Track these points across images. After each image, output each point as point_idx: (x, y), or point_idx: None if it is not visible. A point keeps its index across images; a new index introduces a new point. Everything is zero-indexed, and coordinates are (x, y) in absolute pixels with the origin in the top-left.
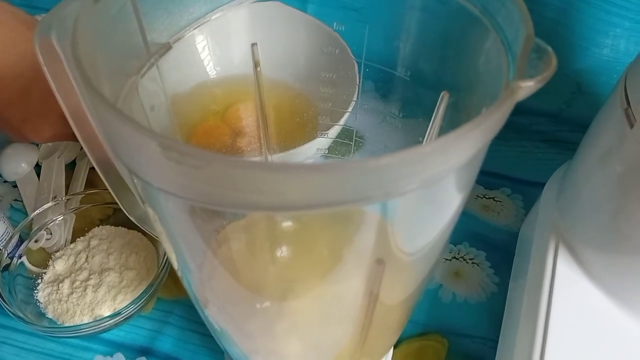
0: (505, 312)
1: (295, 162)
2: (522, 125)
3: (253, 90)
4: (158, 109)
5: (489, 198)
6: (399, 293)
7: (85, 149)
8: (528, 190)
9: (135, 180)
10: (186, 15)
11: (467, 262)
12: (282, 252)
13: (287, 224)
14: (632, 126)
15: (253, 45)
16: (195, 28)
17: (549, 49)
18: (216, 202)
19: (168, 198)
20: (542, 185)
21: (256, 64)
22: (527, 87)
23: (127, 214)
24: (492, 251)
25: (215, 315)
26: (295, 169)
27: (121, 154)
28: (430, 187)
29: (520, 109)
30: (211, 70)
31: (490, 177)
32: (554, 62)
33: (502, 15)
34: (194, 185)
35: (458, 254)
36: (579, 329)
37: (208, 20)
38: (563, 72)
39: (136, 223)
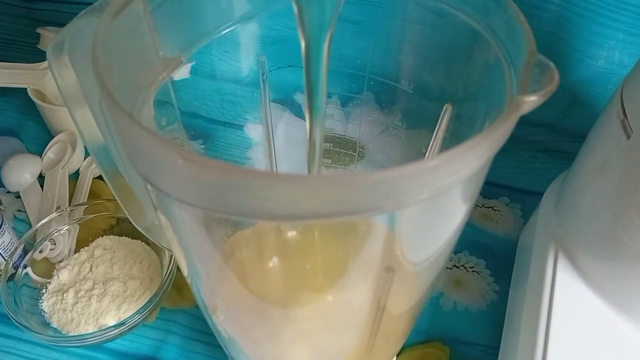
0: (505, 319)
1: (311, 174)
2: (520, 135)
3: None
4: (171, 122)
5: (488, 207)
6: (405, 302)
7: (94, 159)
8: (526, 199)
9: (150, 190)
10: (198, 31)
11: (467, 271)
12: (289, 260)
13: (293, 233)
14: (629, 137)
15: (260, 58)
16: (206, 43)
17: (552, 64)
18: (232, 211)
19: (183, 207)
20: (540, 194)
21: (263, 76)
22: (531, 101)
23: (134, 223)
24: (492, 259)
25: (223, 323)
26: (310, 180)
27: (139, 165)
28: (438, 198)
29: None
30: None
31: (489, 186)
32: (556, 77)
33: (504, 31)
34: (211, 196)
35: (458, 262)
36: (580, 336)
37: (218, 35)
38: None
39: (143, 232)
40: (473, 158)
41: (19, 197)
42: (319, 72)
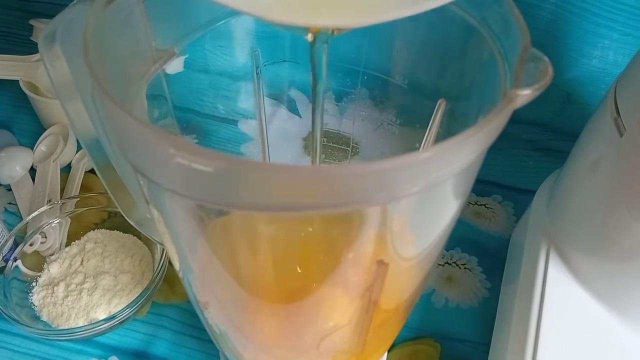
0: (497, 316)
1: (302, 165)
2: (513, 134)
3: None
4: (163, 115)
5: (481, 205)
6: (396, 297)
7: (85, 150)
8: (519, 198)
9: (141, 182)
10: (192, 22)
11: (459, 268)
12: (278, 253)
13: (283, 224)
14: (621, 135)
15: (254, 51)
16: (199, 35)
17: (546, 58)
18: (223, 202)
19: (174, 198)
20: (533, 192)
21: (257, 70)
22: (525, 95)
23: (126, 217)
24: (484, 257)
25: (214, 317)
26: (302, 171)
27: (130, 155)
28: (431, 191)
29: (511, 118)
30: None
31: (482, 184)
32: (550, 71)
33: (499, 26)
34: (202, 186)
35: (451, 259)
36: (570, 333)
37: (212, 27)
38: (553, 82)
39: (135, 226)
40: (466, 151)
41: (10, 189)
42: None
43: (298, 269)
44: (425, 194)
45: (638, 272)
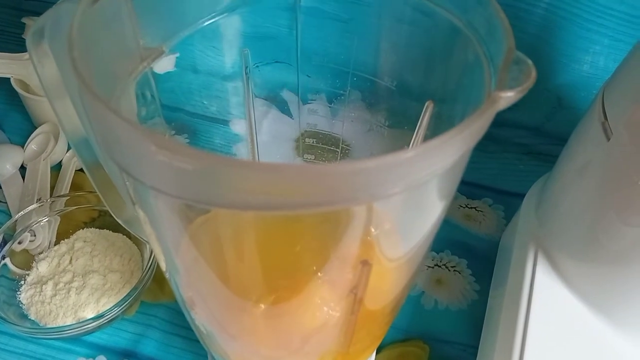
0: (485, 319)
1: (285, 163)
2: (504, 137)
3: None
4: (151, 114)
5: (471, 208)
6: (382, 297)
7: (73, 149)
8: (509, 201)
9: (127, 181)
10: (180, 21)
11: (449, 270)
12: (262, 253)
13: (268, 224)
14: (608, 139)
15: (244, 51)
16: (188, 34)
17: (529, 61)
18: (205, 200)
19: (159, 197)
20: (523, 195)
21: (246, 70)
22: (508, 97)
23: (114, 216)
24: (474, 259)
25: (201, 317)
26: (285, 169)
27: (114, 153)
28: (414, 191)
29: (502, 122)
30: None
31: (472, 187)
32: (533, 74)
33: (485, 29)
34: (185, 184)
35: (440, 261)
36: (557, 336)
37: (201, 26)
38: (544, 87)
39: (123, 226)
40: (449, 152)
41: None
42: None
43: (282, 268)
44: (409, 194)
45: (625, 276)
